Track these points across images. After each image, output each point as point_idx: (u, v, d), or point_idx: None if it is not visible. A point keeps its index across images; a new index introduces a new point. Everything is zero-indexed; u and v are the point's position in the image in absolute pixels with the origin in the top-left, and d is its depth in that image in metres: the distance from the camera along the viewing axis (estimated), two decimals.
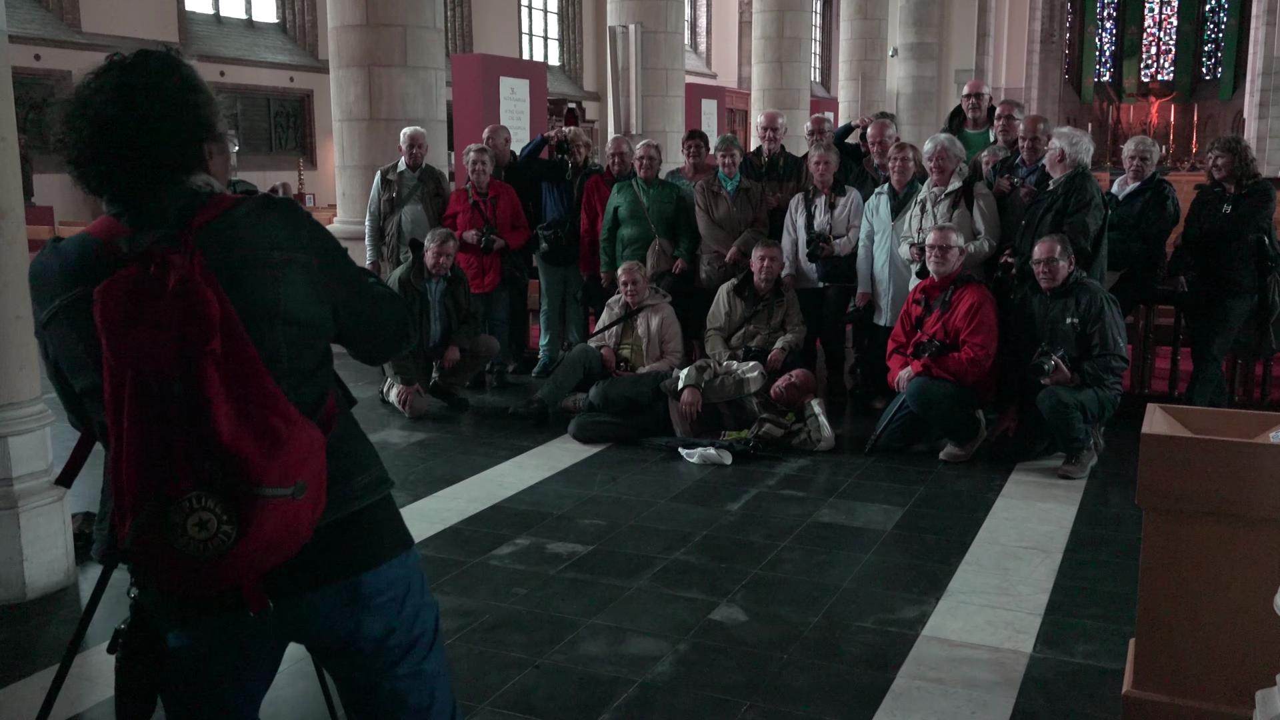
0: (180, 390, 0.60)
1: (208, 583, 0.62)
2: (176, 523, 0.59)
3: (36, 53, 6.69)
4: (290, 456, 0.61)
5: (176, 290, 0.60)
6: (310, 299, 0.68)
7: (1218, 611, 1.19)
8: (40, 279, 0.67)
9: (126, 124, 0.63)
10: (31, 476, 1.67)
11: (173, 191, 0.65)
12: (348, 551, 0.69)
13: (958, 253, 2.42)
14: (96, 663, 1.43)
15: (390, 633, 0.71)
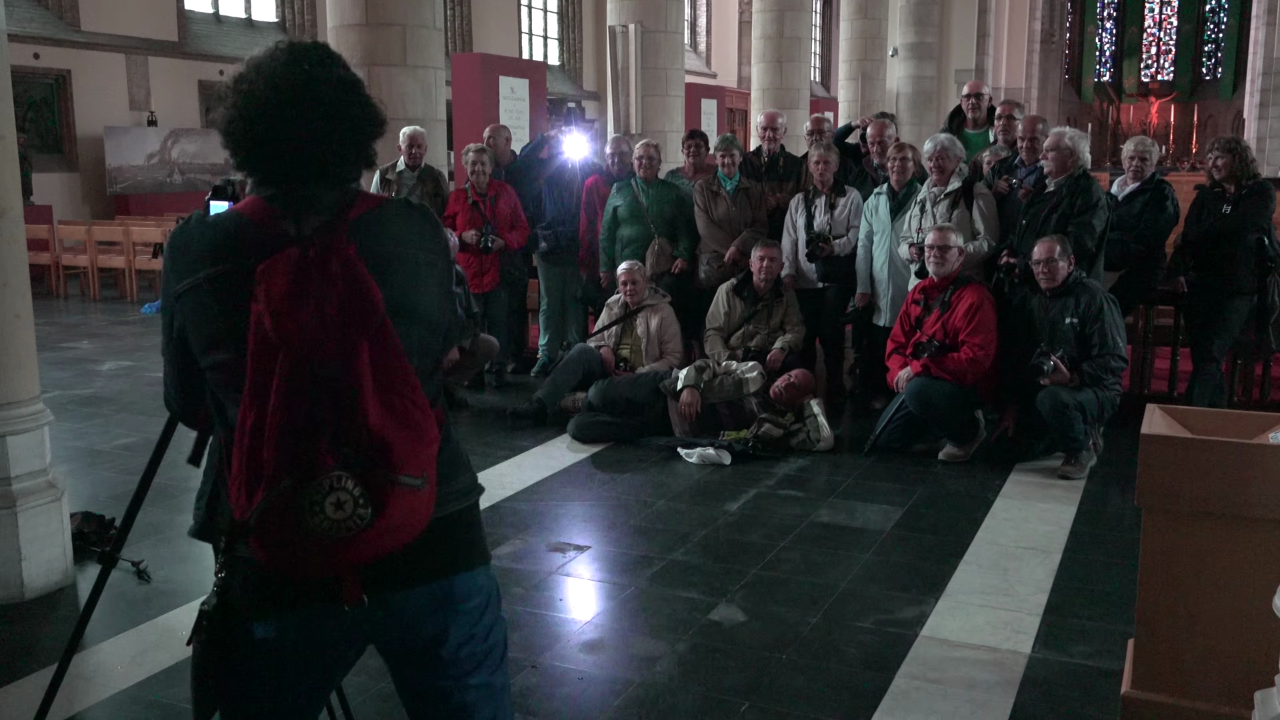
0: (332, 372, 0.60)
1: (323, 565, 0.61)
2: (315, 500, 0.59)
3: (35, 51, 6.65)
4: (422, 447, 0.62)
5: (342, 274, 0.61)
6: (437, 302, 0.70)
7: (1217, 612, 1.19)
8: (185, 249, 0.67)
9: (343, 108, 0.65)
10: (30, 476, 1.67)
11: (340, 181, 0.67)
12: (444, 552, 0.69)
13: (957, 253, 2.42)
14: (95, 662, 1.44)
15: (470, 639, 0.71)
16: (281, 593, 0.66)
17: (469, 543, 0.71)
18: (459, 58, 5.49)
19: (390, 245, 0.67)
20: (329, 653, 0.70)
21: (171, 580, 1.75)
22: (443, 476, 0.67)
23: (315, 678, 0.71)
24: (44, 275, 5.61)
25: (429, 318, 0.68)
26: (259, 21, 8.74)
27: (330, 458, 0.60)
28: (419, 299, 0.67)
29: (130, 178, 7.25)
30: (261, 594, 0.66)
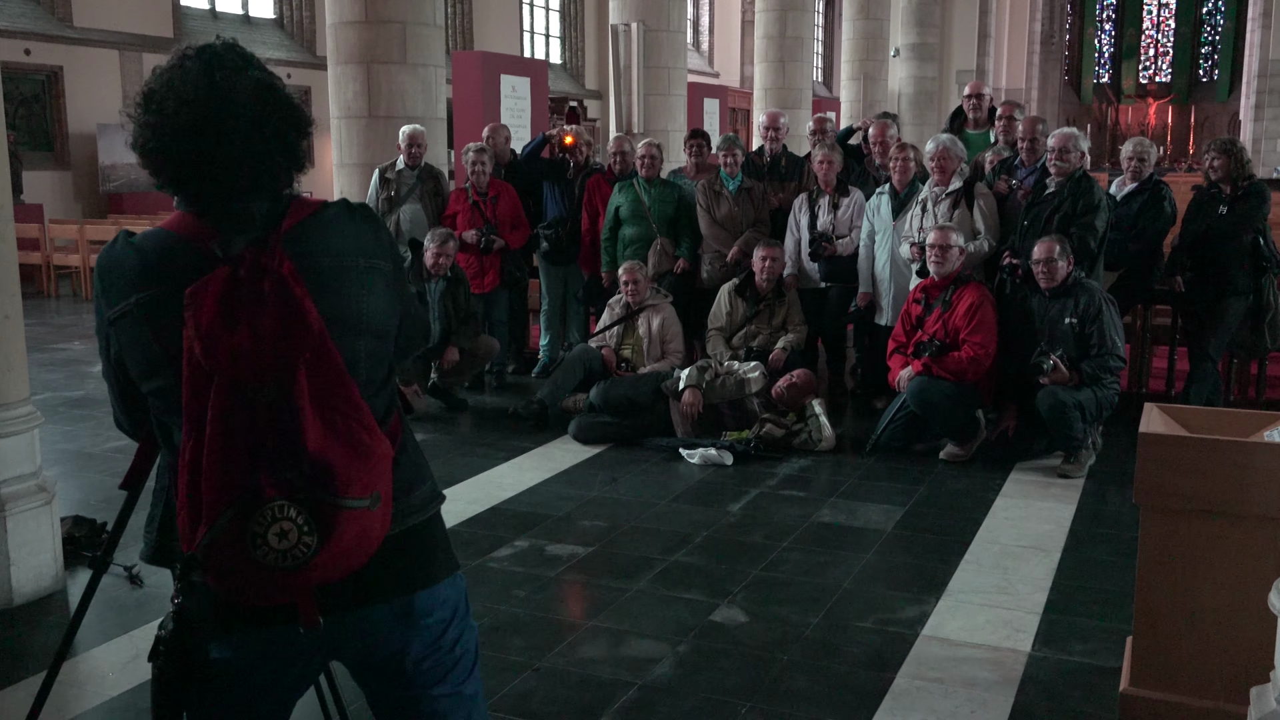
0: (270, 396, 0.58)
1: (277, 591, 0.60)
2: (257, 531, 0.57)
3: (27, 47, 6.62)
4: (370, 466, 0.60)
5: (274, 295, 0.58)
6: (387, 309, 0.66)
7: (1214, 609, 1.20)
8: (114, 273, 0.63)
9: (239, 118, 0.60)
10: (19, 480, 1.65)
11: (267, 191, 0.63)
12: (403, 569, 0.66)
13: (958, 252, 2.42)
14: (85, 669, 1.43)
15: (435, 651, 0.69)
16: (238, 616, 0.64)
17: (429, 556, 0.68)
18: (460, 56, 5.45)
19: (328, 256, 0.63)
20: (288, 672, 0.68)
21: (164, 585, 1.71)
22: (399, 490, 0.64)
23: (275, 696, 0.70)
24: (34, 275, 5.59)
25: (376, 326, 0.65)
26: (256, 18, 8.70)
27: (271, 487, 0.57)
28: (363, 308, 0.64)
29: (123, 176, 7.20)
30: (218, 617, 0.65)
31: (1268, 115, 10.49)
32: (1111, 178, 3.08)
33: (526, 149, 3.45)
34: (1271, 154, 10.23)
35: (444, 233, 2.95)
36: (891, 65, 9.94)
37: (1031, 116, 2.91)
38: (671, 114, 5.51)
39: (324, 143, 8.58)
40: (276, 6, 8.81)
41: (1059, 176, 2.48)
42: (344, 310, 0.63)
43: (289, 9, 8.82)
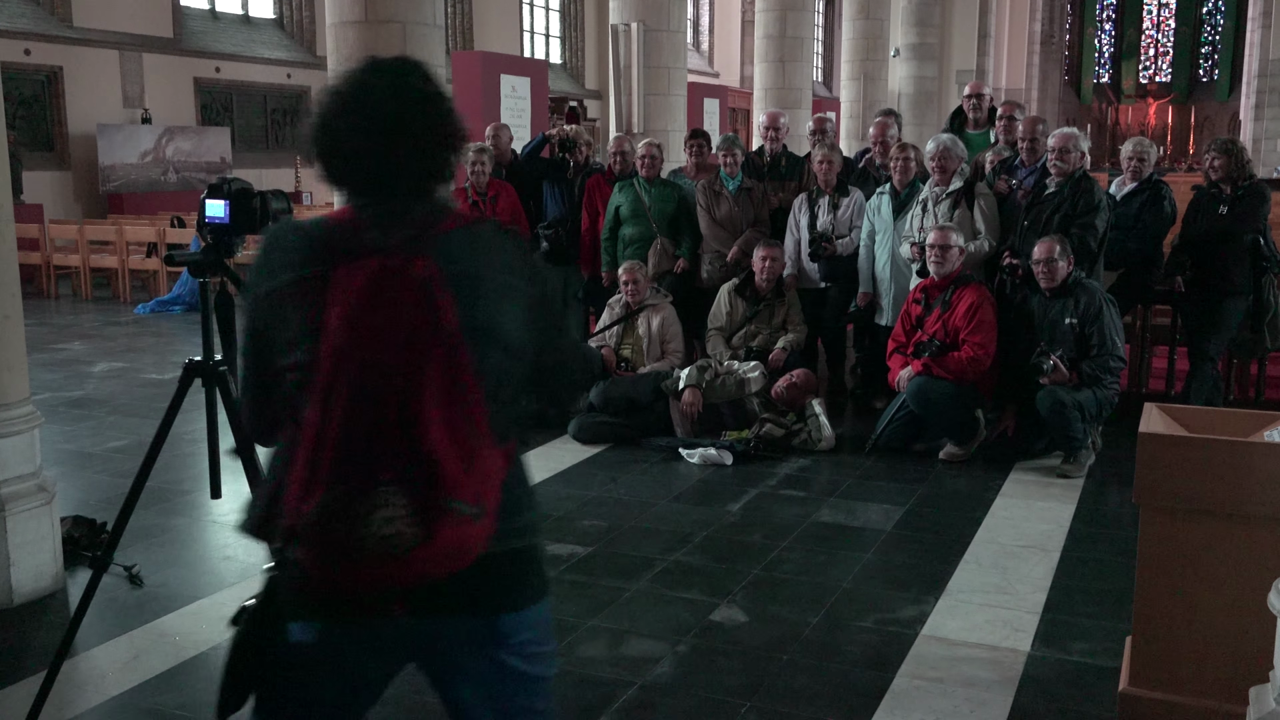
0: (399, 385, 0.60)
1: (370, 578, 0.60)
2: (363, 513, 0.58)
3: (26, 47, 6.61)
4: (480, 476, 0.61)
5: (416, 291, 0.61)
6: (520, 328, 0.67)
7: (1213, 609, 1.20)
8: (276, 250, 0.67)
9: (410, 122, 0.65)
10: (19, 479, 1.65)
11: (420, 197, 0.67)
12: (495, 588, 0.67)
13: (957, 252, 2.42)
14: (85, 669, 1.42)
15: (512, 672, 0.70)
16: (324, 600, 0.65)
17: (521, 583, 0.69)
18: (460, 56, 5.48)
19: (473, 265, 0.65)
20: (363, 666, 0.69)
21: (165, 585, 1.74)
22: (504, 511, 0.65)
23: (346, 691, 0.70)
24: (34, 275, 5.57)
25: (508, 342, 0.66)
26: (256, 18, 8.69)
27: (387, 472, 0.59)
28: (497, 321, 0.66)
29: (123, 176, 7.20)
30: (304, 598, 0.65)
31: (1268, 115, 10.49)
32: (1111, 178, 3.07)
33: (526, 148, 3.44)
34: (1271, 154, 10.23)
35: None
36: (891, 65, 9.94)
37: (1031, 116, 2.91)
38: (671, 114, 5.50)
39: None
40: (276, 6, 8.79)
41: (1059, 177, 2.48)
42: (478, 320, 0.64)
43: (289, 9, 8.81)
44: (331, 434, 0.59)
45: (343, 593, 0.63)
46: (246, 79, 8.24)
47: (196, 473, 2.28)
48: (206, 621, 1.59)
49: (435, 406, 0.60)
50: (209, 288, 1.16)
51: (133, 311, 5.03)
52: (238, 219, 1.15)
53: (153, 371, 3.60)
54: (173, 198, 7.24)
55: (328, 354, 0.60)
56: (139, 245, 5.53)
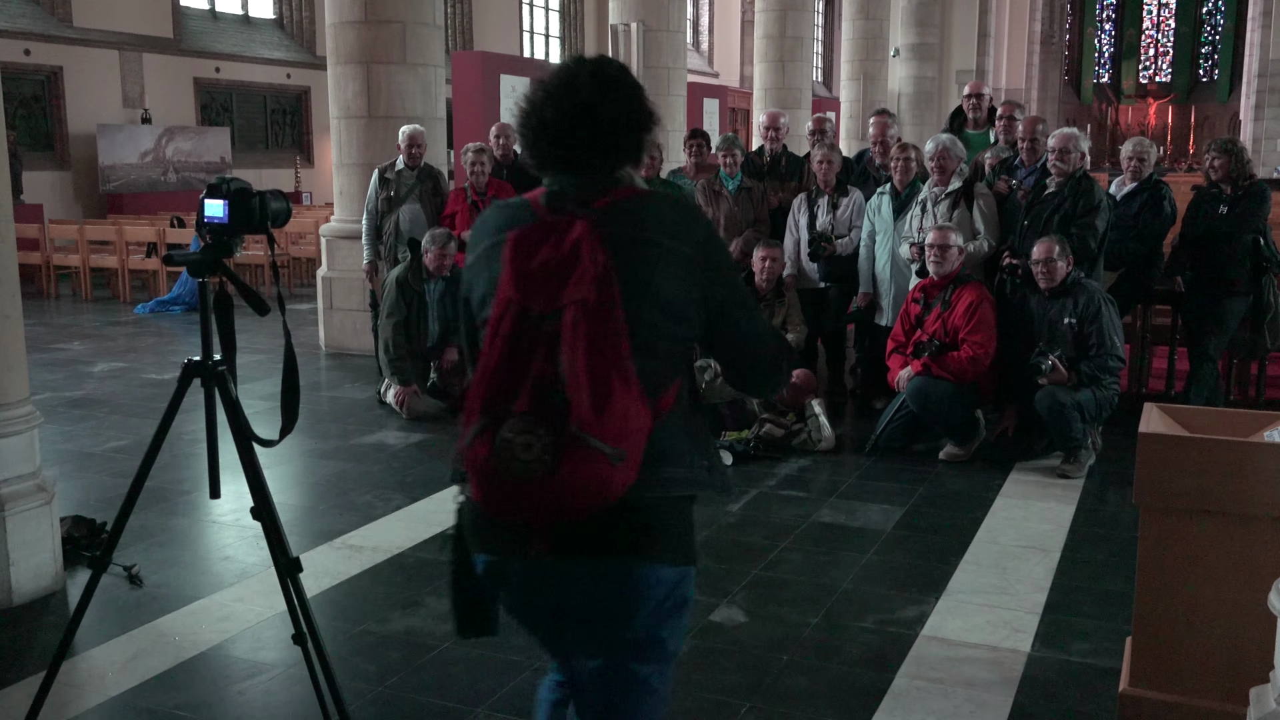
0: (549, 328, 0.67)
1: (517, 503, 0.67)
2: (508, 437, 0.65)
3: (26, 48, 6.62)
4: (618, 421, 0.66)
5: (570, 247, 0.69)
6: (680, 289, 0.73)
7: (1213, 609, 1.20)
8: (481, 226, 0.79)
9: (604, 108, 0.73)
10: (19, 479, 1.65)
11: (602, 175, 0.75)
12: (635, 536, 0.72)
13: (957, 252, 2.42)
14: (84, 669, 1.42)
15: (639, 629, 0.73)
16: (487, 532, 0.73)
17: (663, 534, 0.73)
18: (459, 56, 5.47)
19: (632, 230, 0.72)
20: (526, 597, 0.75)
21: (164, 585, 1.74)
22: (649, 459, 0.69)
23: (528, 619, 0.78)
24: (34, 275, 5.57)
25: (664, 300, 0.72)
26: (255, 18, 8.69)
27: (532, 403, 0.66)
28: (653, 279, 0.71)
29: (123, 176, 7.20)
30: (474, 530, 0.75)
31: (1268, 115, 10.49)
32: (1111, 178, 3.07)
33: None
34: (1271, 154, 10.23)
35: (444, 234, 2.95)
36: (891, 65, 9.94)
37: (1031, 116, 2.90)
38: (671, 114, 5.49)
39: (323, 143, 8.66)
40: (276, 6, 8.79)
41: (1059, 177, 2.48)
42: (636, 275, 0.71)
43: (289, 9, 8.81)
44: (489, 370, 0.68)
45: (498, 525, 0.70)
46: (246, 79, 8.24)
47: (196, 473, 2.28)
48: (206, 621, 1.58)
49: (578, 347, 0.66)
50: (208, 288, 1.16)
51: (132, 311, 5.03)
52: (236, 219, 1.14)
53: (152, 371, 3.59)
54: (173, 198, 7.25)
55: (498, 304, 0.70)
56: (139, 245, 5.52)
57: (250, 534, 1.90)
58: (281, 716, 1.32)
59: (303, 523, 2.03)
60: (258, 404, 2.95)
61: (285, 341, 1.14)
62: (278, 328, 1.19)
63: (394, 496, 2.20)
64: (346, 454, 2.55)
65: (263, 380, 3.28)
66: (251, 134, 8.44)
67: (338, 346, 3.91)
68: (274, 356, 3.62)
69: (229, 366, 1.16)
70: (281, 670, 1.42)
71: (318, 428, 2.78)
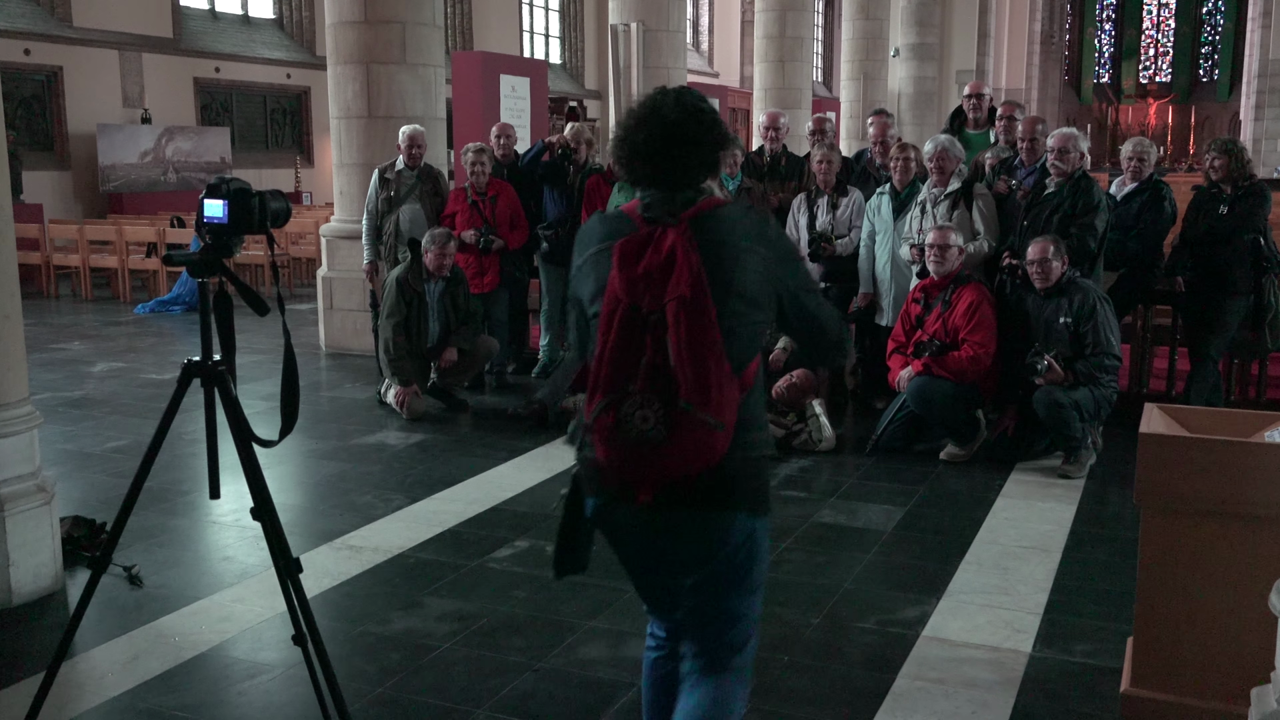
0: (655, 320, 0.83)
1: (633, 465, 0.83)
2: (628, 412, 0.82)
3: (26, 47, 6.61)
4: (716, 394, 0.82)
5: (667, 251, 0.84)
6: (758, 283, 0.89)
7: (1215, 609, 1.20)
8: (585, 234, 0.95)
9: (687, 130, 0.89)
10: (19, 479, 1.65)
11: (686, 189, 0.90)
12: (727, 491, 0.87)
13: (957, 252, 2.42)
14: (84, 669, 1.42)
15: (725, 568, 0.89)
16: (602, 483, 0.88)
17: (743, 489, 0.88)
18: (459, 56, 5.45)
19: (716, 234, 0.87)
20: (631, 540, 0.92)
21: (164, 585, 1.74)
22: (740, 426, 0.85)
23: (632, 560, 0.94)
24: (34, 275, 5.57)
25: (745, 292, 0.88)
26: (255, 18, 8.69)
27: (645, 383, 0.82)
28: (735, 275, 0.87)
29: (123, 176, 7.20)
30: (591, 482, 0.90)
31: (1268, 115, 10.49)
32: (1111, 178, 3.07)
33: (527, 155, 3.41)
34: (1271, 154, 10.23)
35: (444, 234, 2.94)
36: (891, 65, 9.95)
37: (1031, 116, 2.90)
38: None
39: (323, 143, 8.67)
40: (276, 6, 8.79)
41: (1058, 177, 2.48)
42: (721, 273, 0.86)
43: (288, 9, 8.80)
44: (607, 357, 0.84)
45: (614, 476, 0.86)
46: (246, 79, 8.24)
47: (196, 473, 2.28)
48: (206, 622, 1.58)
49: (679, 335, 0.81)
50: (208, 288, 1.15)
51: (132, 311, 5.03)
52: (236, 219, 1.14)
53: (152, 371, 3.59)
54: (172, 198, 7.24)
55: (608, 300, 0.85)
56: (139, 245, 5.52)
57: (250, 534, 1.90)
58: (281, 717, 1.32)
59: (303, 523, 2.03)
60: (258, 404, 2.95)
61: (285, 342, 1.15)
62: (278, 328, 1.19)
63: (394, 497, 2.21)
64: (346, 454, 2.55)
65: (263, 380, 3.28)
66: (251, 134, 8.44)
67: (338, 346, 3.92)
68: (274, 356, 3.63)
69: (229, 367, 1.16)
70: (281, 671, 1.41)
71: (318, 428, 2.78)
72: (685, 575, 0.91)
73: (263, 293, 5.29)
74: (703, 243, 0.85)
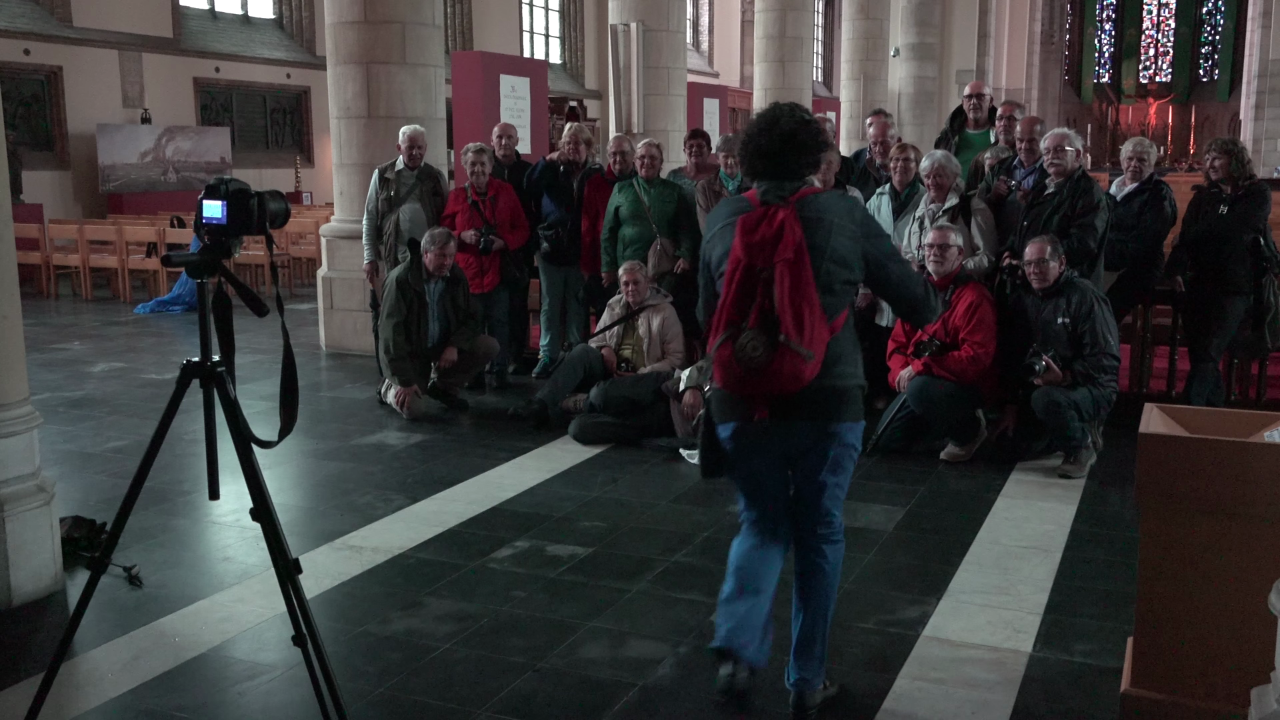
0: (766, 275, 1.17)
1: (744, 382, 1.18)
2: (743, 343, 1.16)
3: (26, 47, 6.61)
4: (810, 333, 1.16)
5: (777, 225, 1.18)
6: (846, 249, 1.22)
7: (1215, 609, 1.20)
8: (717, 211, 1.30)
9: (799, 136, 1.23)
10: (18, 480, 1.65)
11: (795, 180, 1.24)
12: (823, 406, 1.23)
13: (956, 252, 2.42)
14: (84, 670, 1.42)
15: (832, 457, 1.26)
16: (728, 407, 1.24)
17: (838, 405, 1.24)
18: (459, 56, 5.44)
19: (814, 212, 1.21)
20: (757, 447, 1.26)
21: (164, 585, 1.74)
22: (828, 361, 1.19)
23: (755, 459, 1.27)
24: (34, 275, 5.57)
25: (836, 256, 1.21)
26: (255, 18, 8.69)
27: (756, 322, 1.17)
28: (829, 243, 1.21)
29: (123, 176, 7.20)
30: (719, 407, 1.26)
31: (1268, 115, 10.49)
32: (1111, 178, 3.07)
33: (531, 174, 3.34)
34: (1271, 154, 10.23)
35: (444, 234, 2.94)
36: (891, 65, 9.95)
37: (1030, 117, 2.90)
38: (671, 114, 5.49)
39: (323, 143, 8.66)
40: (276, 6, 8.79)
41: (1057, 176, 2.48)
42: (817, 242, 1.20)
43: (288, 9, 8.80)
44: (728, 303, 1.19)
45: (734, 401, 1.22)
46: (246, 79, 8.24)
47: (196, 473, 2.28)
48: (206, 622, 1.58)
49: (784, 286, 1.16)
50: (207, 288, 1.15)
51: (132, 311, 5.03)
52: (235, 219, 1.14)
53: (152, 371, 3.59)
54: (172, 198, 7.23)
55: (730, 260, 1.20)
56: (139, 245, 5.52)
57: (250, 535, 1.90)
58: (281, 718, 1.32)
59: (303, 523, 2.03)
60: (257, 404, 2.94)
61: (284, 342, 1.16)
62: (277, 328, 1.18)
63: (394, 497, 2.21)
64: (347, 454, 2.55)
65: (262, 381, 3.28)
66: (251, 134, 8.43)
67: (338, 346, 3.92)
68: (274, 357, 3.64)
69: (228, 367, 1.16)
70: (281, 671, 1.42)
71: (318, 428, 2.78)
72: (796, 465, 1.26)
73: (262, 293, 5.29)
74: (804, 219, 1.19)
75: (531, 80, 5.36)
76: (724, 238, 1.24)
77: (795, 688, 1.26)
